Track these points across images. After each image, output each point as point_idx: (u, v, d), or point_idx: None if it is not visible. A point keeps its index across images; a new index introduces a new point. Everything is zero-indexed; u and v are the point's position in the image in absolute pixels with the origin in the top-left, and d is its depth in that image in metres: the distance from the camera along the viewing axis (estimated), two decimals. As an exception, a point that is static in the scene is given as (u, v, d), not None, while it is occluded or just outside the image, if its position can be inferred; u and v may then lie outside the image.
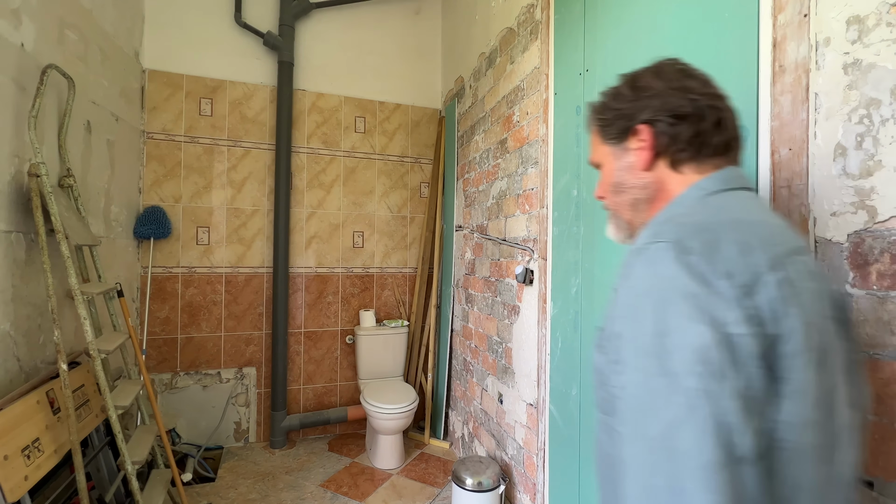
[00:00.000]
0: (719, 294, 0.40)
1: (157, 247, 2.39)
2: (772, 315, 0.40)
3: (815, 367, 0.40)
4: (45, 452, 1.35)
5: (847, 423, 0.43)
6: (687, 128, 0.54)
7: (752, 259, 0.41)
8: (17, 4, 1.41)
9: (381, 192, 2.87)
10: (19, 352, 1.45)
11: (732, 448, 0.36)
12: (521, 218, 1.80)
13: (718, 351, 0.38)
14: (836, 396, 0.42)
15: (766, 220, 0.47)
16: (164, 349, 2.42)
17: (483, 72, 2.26)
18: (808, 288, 0.42)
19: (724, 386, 0.37)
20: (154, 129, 2.40)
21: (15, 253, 1.42)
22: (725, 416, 0.37)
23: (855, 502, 0.45)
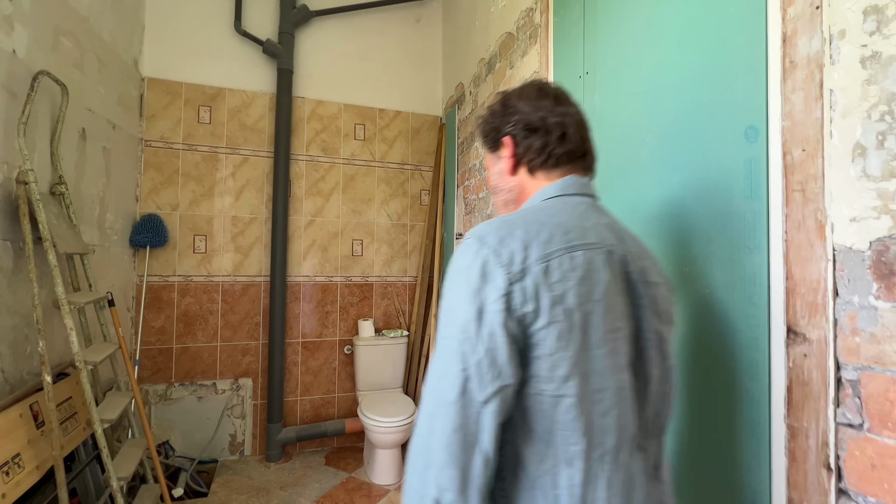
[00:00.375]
0: (493, 281, 0.52)
1: (154, 255, 2.36)
2: (529, 298, 0.52)
3: (564, 338, 0.52)
4: (25, 468, 1.31)
5: (614, 385, 0.55)
6: (537, 139, 0.65)
7: (530, 253, 0.53)
8: (9, 11, 1.40)
9: (380, 200, 2.83)
10: (4, 363, 1.41)
11: (468, 393, 0.50)
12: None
13: (475, 324, 0.51)
14: (594, 362, 0.54)
15: (574, 222, 0.58)
16: (158, 359, 2.37)
17: (483, 77, 2.23)
18: (575, 277, 0.53)
19: (474, 350, 0.51)
20: (152, 136, 2.39)
21: (1, 262, 1.39)
22: (468, 371, 0.50)
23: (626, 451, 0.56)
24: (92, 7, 1.89)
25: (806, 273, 0.71)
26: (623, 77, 1.17)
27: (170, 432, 2.38)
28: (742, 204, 0.82)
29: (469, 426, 0.50)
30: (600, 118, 1.25)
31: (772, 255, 0.77)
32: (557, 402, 0.53)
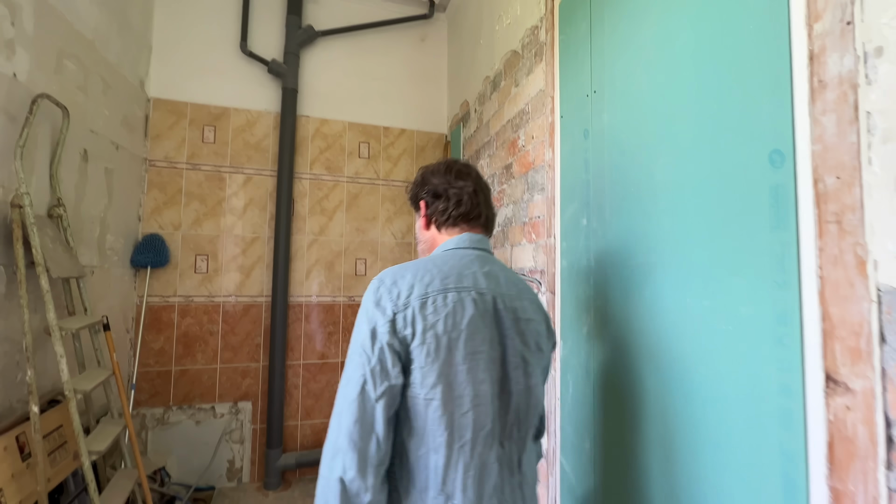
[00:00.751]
0: (383, 310, 0.70)
1: (155, 275, 2.33)
2: (408, 324, 0.70)
3: (431, 356, 0.69)
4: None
5: (472, 393, 0.71)
6: (440, 204, 0.86)
7: (413, 291, 0.71)
8: (11, 35, 1.40)
9: (384, 218, 2.79)
10: (-8, 392, 1.37)
11: (366, 392, 0.67)
12: (528, 247, 1.68)
13: (370, 341, 0.69)
14: (457, 375, 0.70)
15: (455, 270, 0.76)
16: (156, 382, 2.32)
17: (488, 96, 2.19)
18: (445, 311, 0.71)
19: (370, 360, 0.68)
20: (156, 156, 2.38)
21: (-7, 287, 1.36)
22: (366, 376, 0.67)
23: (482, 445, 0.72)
24: (98, 30, 1.90)
25: (846, 314, 0.63)
26: (633, 96, 1.11)
27: (166, 458, 2.32)
28: (768, 234, 0.75)
29: (366, 417, 0.67)
30: (609, 138, 1.19)
31: (804, 293, 0.69)
32: (428, 404, 0.70)
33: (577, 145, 1.35)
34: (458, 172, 0.88)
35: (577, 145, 1.34)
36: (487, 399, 0.73)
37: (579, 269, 1.31)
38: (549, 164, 1.51)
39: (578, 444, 1.29)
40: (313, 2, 2.73)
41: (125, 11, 2.12)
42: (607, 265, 1.18)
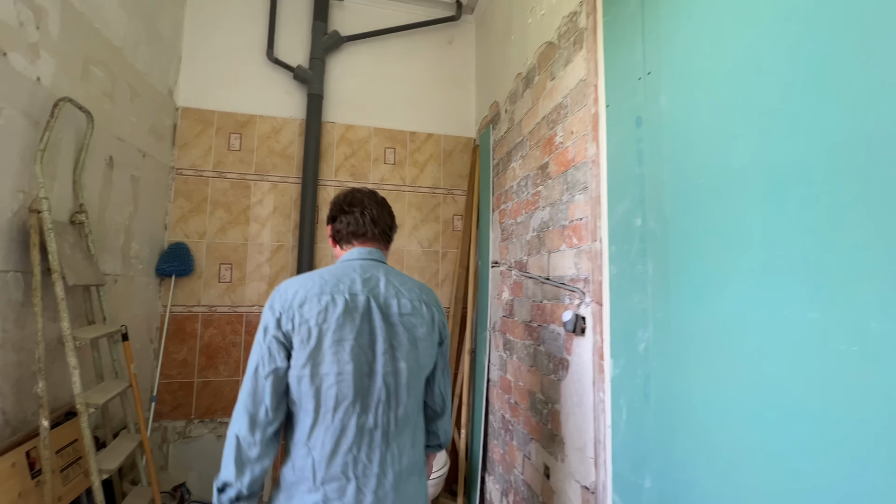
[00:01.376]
0: (273, 311, 0.92)
1: (179, 284, 2.30)
2: (289, 320, 0.90)
3: (303, 343, 0.89)
4: (12, 527, 1.17)
5: (335, 371, 0.90)
6: (337, 226, 1.08)
7: (297, 295, 0.93)
8: (36, 39, 1.38)
9: (411, 226, 2.68)
10: (5, 404, 1.32)
11: (258, 372, 0.88)
12: (568, 253, 1.52)
13: (262, 335, 0.90)
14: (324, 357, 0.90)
15: (335, 277, 0.97)
16: (179, 394, 2.27)
17: (520, 94, 2.06)
18: (318, 309, 0.91)
19: (261, 349, 0.90)
20: (183, 165, 2.37)
21: (9, 294, 1.31)
22: (258, 362, 0.89)
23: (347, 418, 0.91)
24: (127, 38, 1.90)
25: None
26: (699, 72, 0.95)
27: (187, 473, 2.25)
28: (910, 226, 0.57)
29: (257, 391, 0.88)
30: (669, 124, 1.03)
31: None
32: (300, 380, 0.89)
33: (627, 136, 1.19)
34: (351, 200, 1.08)
35: (628, 136, 1.18)
36: (350, 377, 0.91)
37: (633, 277, 1.14)
38: (592, 160, 1.35)
39: (635, 480, 1.10)
40: (339, 7, 2.69)
41: (155, 21, 2.13)
42: (670, 271, 1.01)
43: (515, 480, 1.89)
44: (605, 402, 1.24)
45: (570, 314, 1.40)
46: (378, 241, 1.09)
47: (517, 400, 1.92)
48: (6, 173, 1.29)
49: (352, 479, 0.89)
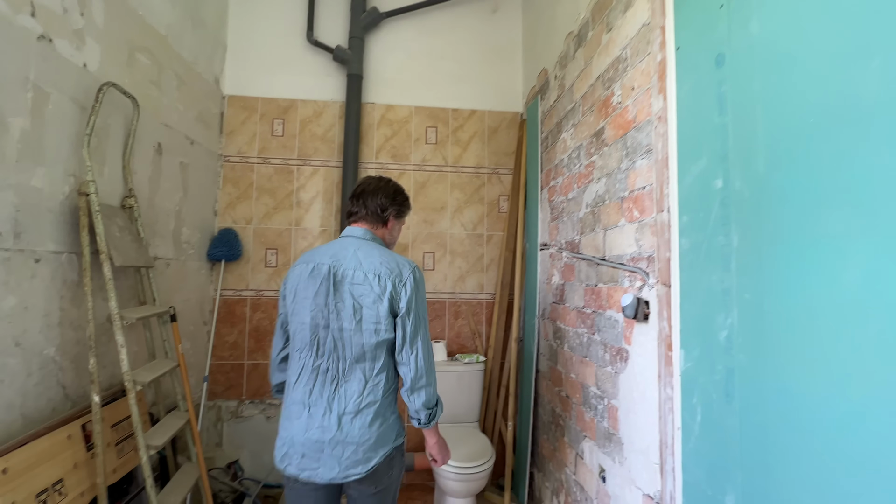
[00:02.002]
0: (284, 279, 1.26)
1: (228, 269, 2.36)
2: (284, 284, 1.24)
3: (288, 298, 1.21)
4: (67, 496, 1.22)
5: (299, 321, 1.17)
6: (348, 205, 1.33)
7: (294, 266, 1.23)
8: (80, 25, 1.41)
9: (454, 208, 2.56)
10: (65, 378, 1.38)
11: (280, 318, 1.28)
12: (628, 228, 1.32)
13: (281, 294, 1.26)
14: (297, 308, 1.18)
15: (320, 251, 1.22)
16: (231, 375, 2.34)
17: (571, 55, 1.85)
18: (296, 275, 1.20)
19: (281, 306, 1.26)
20: (230, 152, 2.42)
21: (65, 274, 1.37)
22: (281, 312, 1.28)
23: None
24: (171, 26, 1.93)
25: None
26: (808, -18, 0.73)
27: (239, 452, 2.32)
28: None
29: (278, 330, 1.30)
30: (762, 55, 0.82)
31: None
32: (289, 323, 1.22)
33: (704, 79, 0.98)
34: (358, 186, 1.31)
35: (706, 79, 0.97)
36: (307, 327, 1.16)
37: (710, 250, 0.94)
38: (658, 117, 1.15)
39: (713, 496, 0.92)
40: (378, -17, 2.60)
41: (199, 9, 2.16)
42: (762, 240, 0.80)
43: (567, 480, 1.74)
44: (674, 401, 1.05)
45: (630, 298, 1.21)
46: (368, 220, 1.27)
47: (568, 393, 1.76)
48: (57, 157, 1.33)
49: (306, 405, 1.14)
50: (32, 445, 1.15)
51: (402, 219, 1.35)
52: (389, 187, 1.29)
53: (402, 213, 1.33)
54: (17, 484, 1.08)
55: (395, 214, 1.30)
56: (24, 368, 1.24)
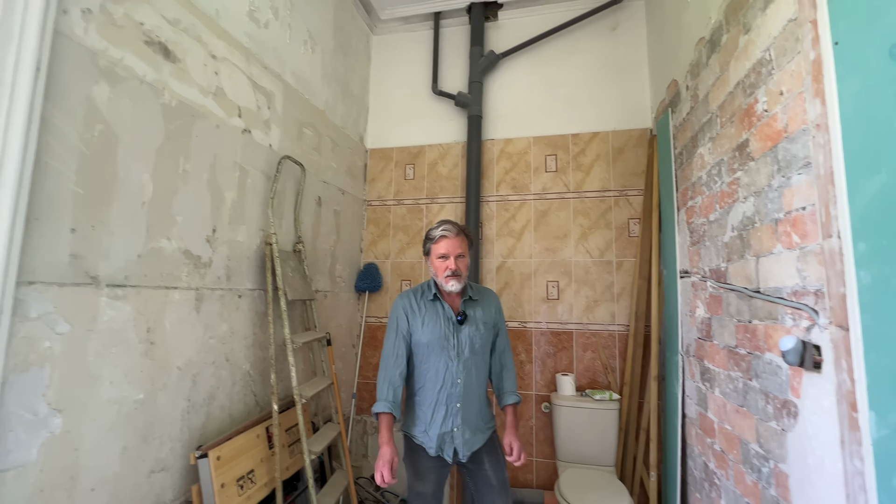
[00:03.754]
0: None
1: (371, 298, 2.70)
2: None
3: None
4: (257, 484, 1.54)
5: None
6: None
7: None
8: (268, 116, 1.86)
9: (577, 235, 2.48)
10: (256, 388, 1.76)
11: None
12: (786, 256, 1.11)
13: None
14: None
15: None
16: (374, 393, 2.62)
17: (704, 62, 1.67)
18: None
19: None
20: (372, 197, 2.80)
21: (256, 306, 1.77)
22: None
23: None
24: (328, 102, 2.38)
25: None
26: None
27: (382, 465, 2.56)
28: None
29: None
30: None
31: None
32: None
33: (876, 77, 0.80)
34: None
35: (878, 76, 0.79)
36: None
37: (905, 288, 0.74)
38: (816, 125, 0.96)
39: None
40: (494, 27, 2.77)
41: (348, 83, 2.61)
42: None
43: (727, 553, 1.46)
44: (866, 477, 0.83)
45: (792, 341, 1.01)
46: None
47: (723, 447, 1.50)
48: (252, 217, 1.75)
49: None
50: (235, 440, 1.50)
51: (430, 253, 1.55)
52: None
53: (427, 251, 1.57)
54: (226, 469, 1.42)
55: (425, 253, 1.58)
56: (231, 379, 1.62)
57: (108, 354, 1.17)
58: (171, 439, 1.36)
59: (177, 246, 1.39)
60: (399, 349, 1.53)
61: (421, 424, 1.54)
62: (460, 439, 1.50)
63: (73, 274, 1.08)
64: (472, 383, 1.53)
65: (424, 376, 1.54)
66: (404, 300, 1.59)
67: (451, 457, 1.51)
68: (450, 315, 1.55)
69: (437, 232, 1.52)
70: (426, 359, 1.53)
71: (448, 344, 1.51)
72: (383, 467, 1.40)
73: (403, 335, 1.54)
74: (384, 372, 1.53)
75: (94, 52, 1.13)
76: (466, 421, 1.51)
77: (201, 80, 1.49)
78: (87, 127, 1.12)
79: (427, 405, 1.53)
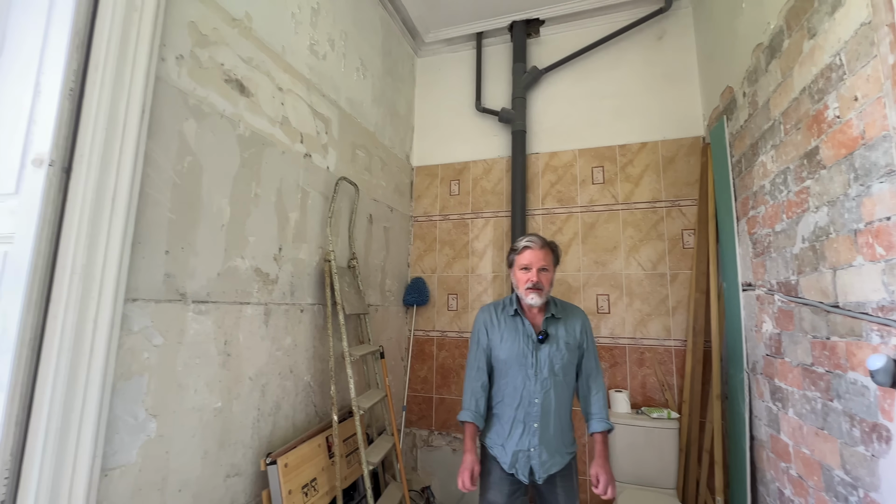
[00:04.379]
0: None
1: (419, 312, 2.75)
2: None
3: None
4: (319, 492, 1.60)
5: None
6: None
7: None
8: (325, 141, 1.97)
9: (628, 247, 2.43)
10: (316, 399, 1.84)
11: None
12: (869, 269, 1.05)
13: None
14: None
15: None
16: (423, 406, 2.66)
17: (762, 68, 1.62)
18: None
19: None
20: (418, 213, 2.88)
21: (316, 320, 1.86)
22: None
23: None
24: (377, 124, 2.49)
25: None
26: None
27: (431, 478, 2.58)
28: None
29: None
30: None
31: None
32: None
33: (969, 80, 0.75)
34: None
35: (971, 80, 0.75)
36: None
37: None
38: (899, 130, 0.92)
39: None
40: (536, 43, 2.80)
41: (395, 105, 2.72)
42: None
43: (810, 590, 1.35)
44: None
45: (882, 360, 0.95)
46: None
47: (801, 473, 1.41)
48: (312, 236, 1.86)
49: None
50: (300, 448, 1.57)
51: (513, 264, 1.55)
52: None
53: (511, 261, 1.56)
54: (292, 476, 1.49)
55: (508, 265, 1.59)
56: (294, 389, 1.71)
57: (194, 365, 1.28)
58: (243, 446, 1.45)
59: (249, 264, 1.51)
60: (479, 361, 1.53)
61: (498, 438, 1.50)
62: (537, 460, 1.44)
63: (166, 291, 1.20)
64: (550, 405, 1.45)
65: (503, 391, 1.50)
66: (485, 313, 1.58)
67: (527, 476, 1.45)
68: (529, 332, 1.49)
69: (522, 243, 1.50)
70: (504, 374, 1.50)
71: (526, 362, 1.46)
72: (464, 473, 1.41)
73: (483, 348, 1.54)
74: (467, 382, 1.54)
75: (185, 92, 1.27)
76: (544, 442, 1.45)
77: (270, 111, 1.62)
78: (178, 159, 1.25)
79: (506, 420, 1.48)
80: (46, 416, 0.88)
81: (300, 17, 1.81)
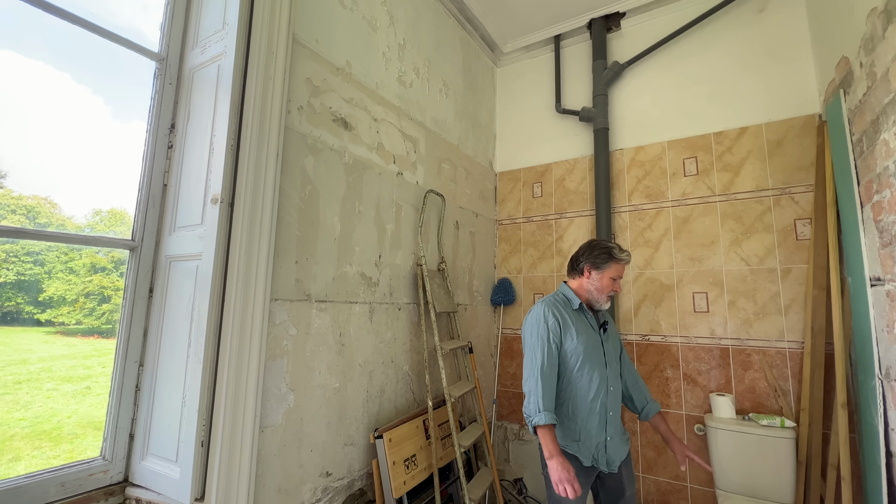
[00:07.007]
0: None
1: (506, 311, 2.88)
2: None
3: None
4: (419, 467, 1.83)
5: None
6: None
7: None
8: (415, 158, 2.23)
9: (728, 241, 2.26)
10: (413, 386, 2.09)
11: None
12: None
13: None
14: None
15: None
16: (513, 401, 2.78)
17: (880, 35, 1.44)
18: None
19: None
20: (502, 216, 3.01)
21: (411, 317, 2.11)
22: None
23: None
24: (460, 137, 2.69)
25: None
26: None
27: (523, 471, 2.68)
28: None
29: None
30: None
31: None
32: None
33: None
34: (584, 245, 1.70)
35: None
36: None
37: None
38: None
39: None
40: (617, 37, 2.75)
41: (476, 117, 2.90)
42: None
43: None
44: None
45: None
46: (568, 272, 1.73)
47: (943, 494, 1.23)
48: (406, 243, 2.12)
49: None
50: (401, 427, 1.82)
51: (603, 269, 1.58)
52: (587, 244, 1.67)
53: (599, 264, 1.58)
54: (396, 450, 1.74)
55: (592, 266, 1.60)
56: (395, 377, 1.98)
57: (318, 351, 1.60)
58: (356, 421, 1.75)
59: (356, 270, 1.80)
60: (553, 358, 1.49)
61: (572, 434, 1.52)
62: (613, 448, 1.53)
63: (297, 293, 1.53)
64: (618, 392, 1.60)
65: (576, 385, 1.52)
66: (551, 311, 1.55)
67: (607, 466, 1.52)
68: (594, 325, 1.62)
69: (624, 255, 1.57)
70: (579, 368, 1.52)
71: (599, 352, 1.57)
72: (564, 481, 1.30)
73: (557, 344, 1.51)
74: (542, 382, 1.43)
75: (304, 135, 1.60)
76: (617, 429, 1.57)
77: (368, 140, 1.91)
78: (302, 188, 1.57)
79: (579, 414, 1.51)
80: (226, 383, 1.23)
81: (389, 54, 2.09)
